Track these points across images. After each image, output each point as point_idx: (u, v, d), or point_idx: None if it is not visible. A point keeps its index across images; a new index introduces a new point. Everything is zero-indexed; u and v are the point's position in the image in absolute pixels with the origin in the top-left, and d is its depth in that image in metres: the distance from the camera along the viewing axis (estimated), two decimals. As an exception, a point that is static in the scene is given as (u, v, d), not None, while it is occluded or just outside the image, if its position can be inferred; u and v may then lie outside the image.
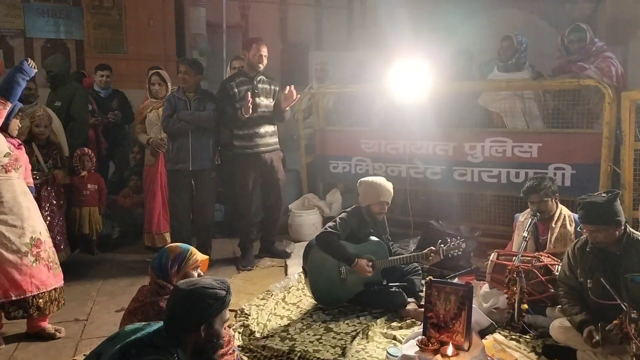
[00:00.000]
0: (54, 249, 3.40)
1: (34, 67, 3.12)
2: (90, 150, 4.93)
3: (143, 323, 1.98)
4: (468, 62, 5.30)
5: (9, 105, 3.05)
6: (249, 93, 4.40)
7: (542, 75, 4.53)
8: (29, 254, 3.16)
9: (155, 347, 1.83)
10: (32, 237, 3.19)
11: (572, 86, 4.23)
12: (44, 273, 3.22)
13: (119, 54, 8.18)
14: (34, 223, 3.24)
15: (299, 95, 4.63)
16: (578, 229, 3.40)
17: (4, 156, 3.10)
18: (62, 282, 3.38)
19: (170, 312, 1.96)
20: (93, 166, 4.92)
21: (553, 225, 3.50)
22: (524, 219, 3.65)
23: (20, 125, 3.36)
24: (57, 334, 3.31)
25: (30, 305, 3.17)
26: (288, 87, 4.55)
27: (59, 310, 3.38)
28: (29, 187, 3.38)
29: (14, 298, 3.10)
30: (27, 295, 3.14)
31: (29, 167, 3.47)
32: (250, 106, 4.33)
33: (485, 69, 5.53)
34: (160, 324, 1.97)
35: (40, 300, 3.21)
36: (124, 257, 4.99)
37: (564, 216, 3.51)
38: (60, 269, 3.40)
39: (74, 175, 4.77)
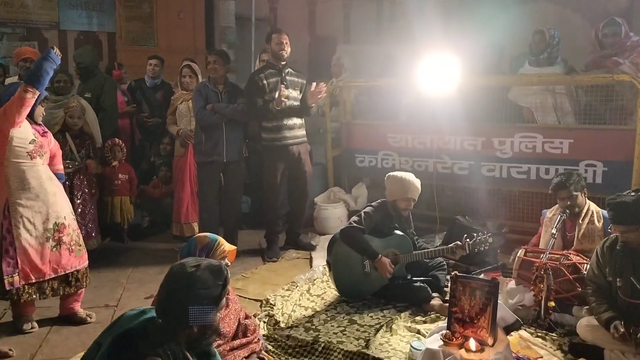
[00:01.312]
0: (78, 231, 3.47)
1: (59, 55, 3.17)
2: (120, 141, 5.04)
3: (141, 309, 1.87)
4: (498, 56, 5.23)
5: (37, 94, 3.12)
6: (282, 86, 4.44)
7: (574, 70, 4.44)
8: (50, 239, 3.24)
9: (146, 339, 1.74)
10: (56, 222, 3.27)
11: (606, 81, 4.15)
12: (64, 257, 3.30)
13: (150, 46, 8.29)
14: (59, 208, 3.31)
15: (325, 91, 4.63)
16: (608, 229, 3.34)
17: (29, 143, 3.18)
18: (86, 263, 3.45)
19: (161, 307, 1.82)
20: (124, 156, 5.02)
21: (580, 221, 3.45)
22: (552, 215, 3.60)
23: (44, 113, 3.42)
24: (88, 318, 3.42)
25: (47, 286, 3.26)
26: (315, 83, 4.57)
27: (86, 294, 3.47)
28: (58, 174, 3.46)
29: (33, 281, 3.19)
30: (45, 277, 3.23)
31: (60, 153, 3.55)
32: (284, 99, 4.36)
33: (516, 63, 5.44)
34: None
35: (55, 282, 3.29)
36: (153, 246, 5.10)
37: (592, 212, 3.45)
38: (85, 250, 3.48)
39: (106, 165, 4.88)
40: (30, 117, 3.23)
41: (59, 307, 3.46)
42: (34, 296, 3.23)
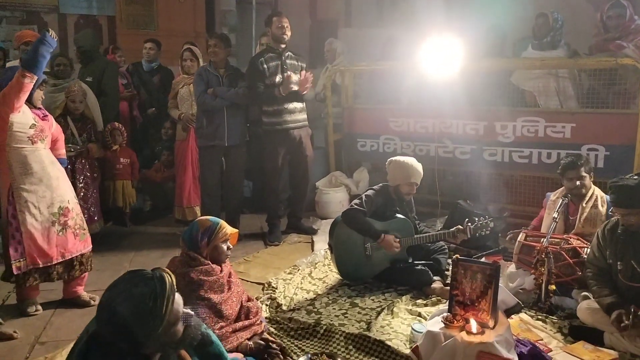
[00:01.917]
0: (82, 215, 3.49)
1: (55, 37, 3.14)
2: (120, 125, 5.03)
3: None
4: (501, 40, 5.19)
5: (35, 78, 3.10)
6: (291, 73, 4.43)
7: (577, 54, 4.42)
8: (56, 224, 3.26)
9: (115, 347, 1.62)
10: (60, 206, 3.28)
11: (609, 65, 4.12)
12: (70, 241, 3.33)
13: (150, 30, 8.23)
14: (63, 192, 3.32)
15: (310, 82, 4.59)
16: (609, 212, 3.35)
17: (30, 127, 3.17)
18: (90, 246, 3.49)
19: (106, 339, 1.63)
20: (124, 140, 5.02)
21: (584, 205, 3.44)
22: (555, 198, 3.59)
23: (43, 97, 3.41)
24: (92, 301, 3.44)
25: (54, 270, 3.28)
26: (303, 73, 4.55)
27: (89, 276, 3.50)
28: (60, 159, 3.46)
29: (41, 265, 3.21)
30: (53, 262, 3.25)
31: (62, 137, 3.54)
32: (294, 86, 4.36)
33: (520, 46, 5.40)
34: None
35: (60, 267, 3.31)
36: (155, 230, 5.12)
37: (597, 196, 3.45)
38: (88, 234, 3.51)
39: (107, 149, 4.88)
40: (29, 101, 3.21)
41: (63, 290, 3.49)
42: (39, 280, 3.26)
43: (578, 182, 3.41)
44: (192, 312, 1.77)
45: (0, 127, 3.10)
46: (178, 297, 1.68)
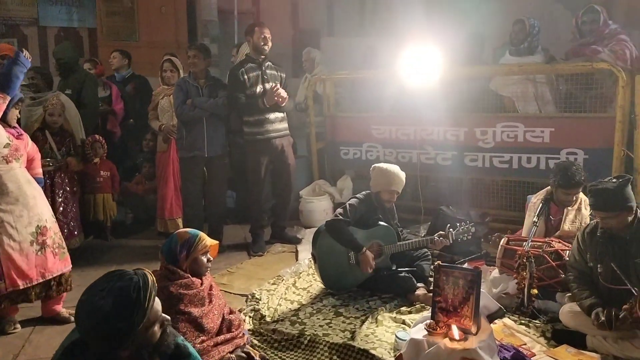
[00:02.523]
0: (60, 234, 3.42)
1: (29, 58, 3.12)
2: (101, 137, 4.97)
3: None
4: (479, 47, 5.26)
5: (8, 99, 3.06)
6: (277, 84, 4.44)
7: (554, 59, 4.48)
8: (34, 243, 3.18)
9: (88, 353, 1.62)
10: (37, 225, 3.21)
11: (585, 69, 4.18)
12: (49, 260, 3.25)
13: (132, 41, 8.20)
14: (40, 211, 3.25)
15: (282, 97, 4.51)
16: (590, 215, 3.38)
17: (4, 147, 3.10)
18: (70, 266, 3.42)
19: (82, 335, 1.63)
20: (105, 153, 4.96)
21: (570, 207, 3.46)
22: (536, 200, 3.62)
23: (19, 116, 3.36)
24: (71, 317, 3.37)
25: (32, 291, 3.20)
26: (272, 84, 4.52)
27: (69, 293, 3.44)
28: (37, 178, 3.40)
29: (21, 287, 3.13)
30: (33, 283, 3.17)
31: (38, 156, 3.49)
32: (279, 98, 4.36)
33: (499, 53, 5.46)
34: None
35: (37, 287, 3.23)
36: (137, 243, 5.06)
37: (581, 200, 3.48)
38: (68, 253, 3.44)
39: (87, 162, 4.82)
40: (4, 120, 3.17)
41: (41, 309, 3.41)
42: (17, 301, 3.19)
43: (575, 197, 3.43)
44: (169, 318, 1.75)
45: None
46: (157, 300, 1.67)
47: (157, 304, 1.68)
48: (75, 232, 4.51)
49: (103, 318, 1.54)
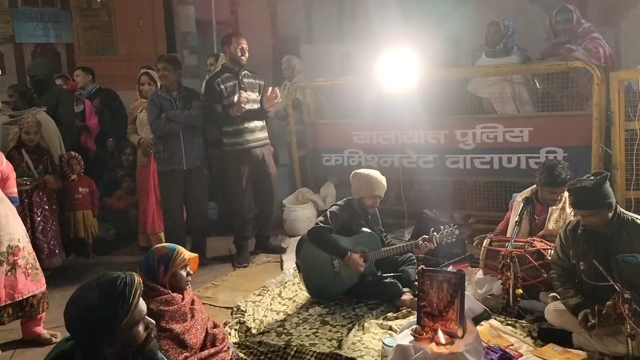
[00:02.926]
0: (34, 254, 3.33)
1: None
2: (77, 154, 4.91)
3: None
4: (456, 49, 5.29)
5: None
6: (242, 92, 4.39)
7: (530, 59, 4.52)
8: (4, 263, 3.09)
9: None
10: (9, 245, 3.12)
11: (561, 69, 4.22)
12: (20, 281, 3.15)
13: (110, 55, 8.17)
14: (12, 230, 3.16)
15: (280, 98, 4.58)
16: (571, 213, 3.39)
17: None
18: (44, 287, 3.32)
19: (70, 331, 1.71)
20: (82, 169, 4.90)
21: (554, 207, 3.48)
22: (521, 198, 3.63)
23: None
24: (53, 338, 3.30)
25: (4, 312, 3.12)
26: (270, 89, 4.53)
27: (50, 313, 3.36)
28: (11, 197, 3.31)
29: None
30: (1, 304, 3.08)
31: (13, 175, 3.41)
32: (243, 105, 4.32)
33: (477, 55, 5.51)
34: None
35: (9, 309, 3.15)
36: (120, 259, 4.99)
37: (564, 198, 3.48)
38: (42, 274, 3.33)
39: (64, 179, 4.75)
40: None
41: (22, 331, 3.33)
42: None
43: (560, 197, 3.44)
44: (154, 322, 1.80)
45: None
46: (143, 302, 1.75)
47: (143, 304, 1.74)
48: (57, 251, 4.43)
49: (89, 308, 1.63)
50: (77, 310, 1.64)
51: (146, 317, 1.76)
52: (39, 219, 4.30)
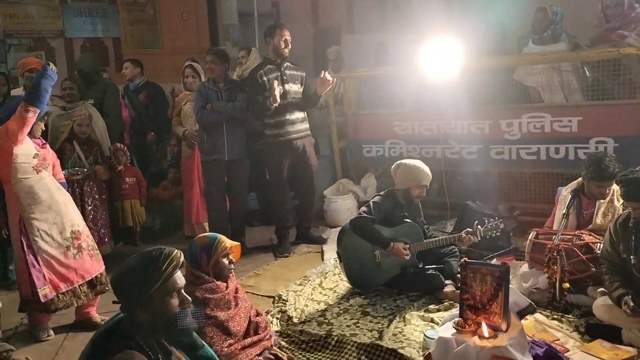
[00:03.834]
0: (91, 236, 3.56)
1: (56, 71, 3.20)
2: (123, 145, 5.05)
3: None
4: (502, 37, 5.16)
5: (38, 112, 3.14)
6: (275, 82, 4.41)
7: (579, 46, 4.37)
8: (71, 248, 3.31)
9: (117, 333, 1.76)
10: (72, 230, 3.34)
11: (612, 55, 4.06)
12: (87, 262, 3.39)
13: (155, 48, 8.32)
14: (72, 216, 3.38)
15: (334, 80, 4.58)
16: (622, 205, 3.27)
17: (33, 157, 3.22)
18: (104, 266, 3.54)
19: (115, 294, 1.83)
20: (128, 160, 5.03)
21: (602, 200, 3.36)
22: (567, 192, 3.52)
23: (43, 128, 3.45)
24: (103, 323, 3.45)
25: (80, 292, 3.34)
26: (323, 72, 4.53)
27: (105, 294, 3.52)
28: (62, 183, 3.50)
29: (63, 290, 3.25)
30: (74, 285, 3.31)
31: (58, 162, 3.58)
32: (277, 95, 4.34)
33: (524, 42, 5.36)
34: None
35: (84, 287, 3.37)
36: (166, 247, 5.11)
37: (613, 191, 3.37)
38: (100, 254, 3.57)
39: (112, 170, 4.91)
40: (29, 132, 3.25)
41: (75, 313, 3.50)
42: (70, 303, 3.30)
43: (608, 190, 3.32)
44: (190, 299, 1.87)
45: (5, 161, 3.15)
46: (181, 275, 1.84)
47: (179, 278, 1.83)
48: (106, 239, 4.60)
49: (126, 270, 1.79)
50: (118, 272, 1.81)
51: (183, 293, 1.84)
52: (89, 208, 4.47)
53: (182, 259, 1.85)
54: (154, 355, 1.75)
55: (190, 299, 1.86)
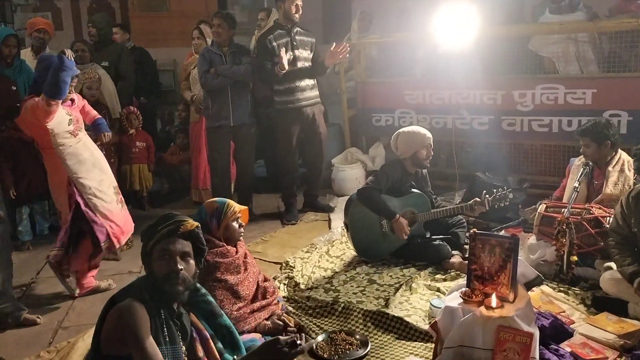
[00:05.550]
0: None
1: (71, 58, 3.15)
2: (136, 109, 5.03)
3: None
4: (519, 5, 5.03)
5: (60, 102, 3.12)
6: (283, 49, 4.33)
7: (597, 16, 4.25)
8: (118, 202, 3.43)
9: (132, 288, 1.85)
10: (114, 185, 3.46)
11: (631, 26, 3.97)
12: (129, 215, 3.54)
13: (162, 11, 8.18)
14: (110, 173, 3.48)
15: (345, 53, 4.48)
16: (635, 178, 3.24)
17: (68, 124, 3.22)
18: None
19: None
20: (140, 124, 5.02)
21: (610, 168, 3.34)
22: (579, 163, 3.50)
23: (73, 91, 3.43)
24: (110, 286, 3.48)
25: (130, 243, 3.50)
26: (335, 43, 4.45)
27: (114, 263, 3.62)
28: (99, 120, 3.64)
29: (123, 242, 3.40)
30: (129, 235, 3.45)
31: (86, 105, 3.62)
32: (285, 62, 4.28)
33: (539, 11, 5.23)
34: None
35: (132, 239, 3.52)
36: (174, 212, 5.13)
37: (623, 160, 3.35)
38: None
39: (123, 133, 4.89)
40: None
41: (78, 286, 3.43)
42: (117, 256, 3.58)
43: (585, 151, 3.35)
44: (181, 269, 1.86)
45: (41, 133, 3.18)
46: (182, 242, 1.88)
47: (178, 244, 1.87)
48: (114, 202, 4.62)
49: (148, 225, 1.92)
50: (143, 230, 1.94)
51: (177, 261, 1.84)
52: (98, 171, 4.48)
53: (189, 228, 1.89)
54: (155, 310, 1.79)
55: (180, 269, 1.84)
